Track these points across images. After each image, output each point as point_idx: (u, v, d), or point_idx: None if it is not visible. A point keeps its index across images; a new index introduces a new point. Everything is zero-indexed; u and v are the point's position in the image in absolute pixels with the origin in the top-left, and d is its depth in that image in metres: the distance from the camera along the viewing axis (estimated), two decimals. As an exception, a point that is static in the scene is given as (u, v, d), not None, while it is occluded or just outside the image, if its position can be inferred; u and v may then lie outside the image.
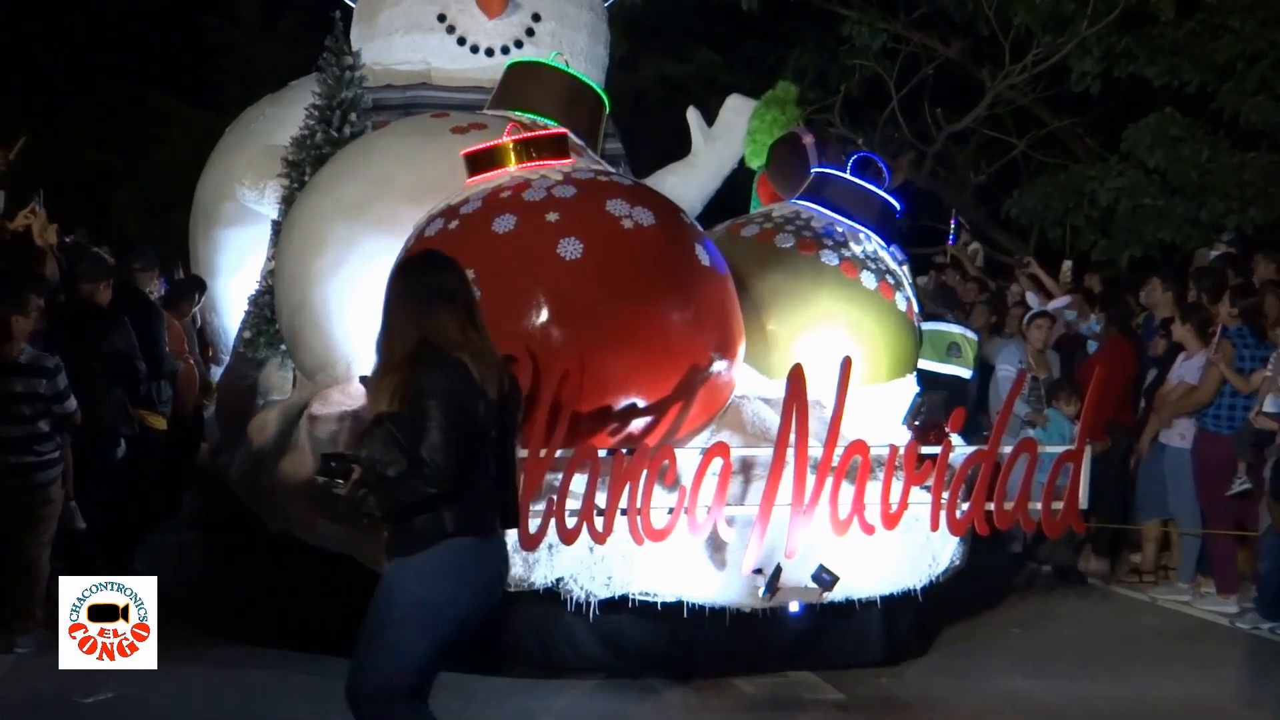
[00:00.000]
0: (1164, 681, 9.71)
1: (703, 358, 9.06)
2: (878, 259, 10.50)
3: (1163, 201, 18.95)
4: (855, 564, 9.20)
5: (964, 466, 9.32)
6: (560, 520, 8.44)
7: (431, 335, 5.88)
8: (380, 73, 12.50)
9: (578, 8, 12.76)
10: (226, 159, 13.12)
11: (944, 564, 9.68)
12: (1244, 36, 17.94)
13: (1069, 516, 9.50)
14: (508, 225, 8.94)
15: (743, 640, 9.22)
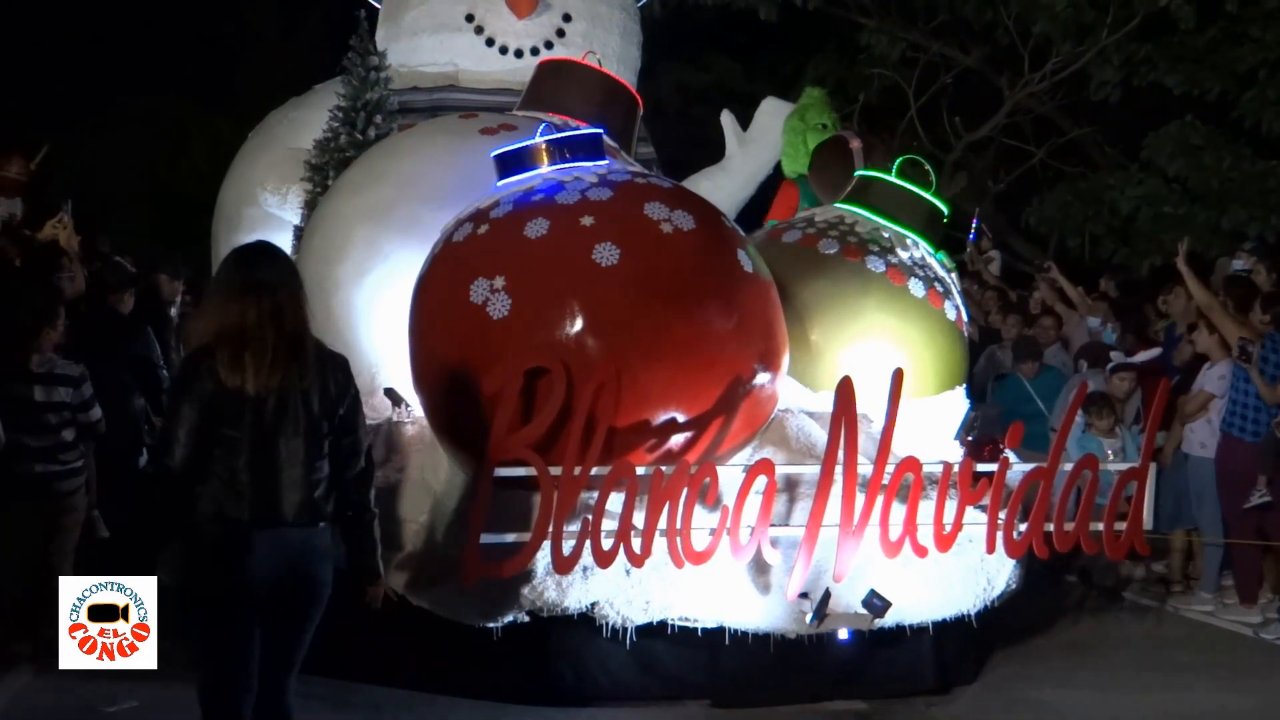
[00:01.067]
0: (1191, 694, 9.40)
1: (746, 369, 8.48)
2: (925, 265, 9.89)
3: (1184, 210, 18.59)
4: (907, 588, 8.58)
5: (1022, 485, 8.67)
6: (596, 542, 7.91)
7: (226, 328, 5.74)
8: (406, 74, 11.94)
9: (610, 8, 12.15)
10: (249, 163, 12.58)
11: (999, 588, 9.02)
12: (1265, 44, 17.71)
13: (1133, 537, 8.86)
14: (540, 230, 8.36)
15: (787, 669, 8.59)
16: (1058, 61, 19.69)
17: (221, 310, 5.82)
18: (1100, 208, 19.44)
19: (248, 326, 5.71)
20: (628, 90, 10.50)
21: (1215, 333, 11.78)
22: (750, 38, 21.12)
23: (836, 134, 11.58)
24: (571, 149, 8.90)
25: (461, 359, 8.34)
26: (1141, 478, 8.82)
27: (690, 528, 7.98)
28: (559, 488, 7.76)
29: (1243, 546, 11.47)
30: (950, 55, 20.35)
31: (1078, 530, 8.73)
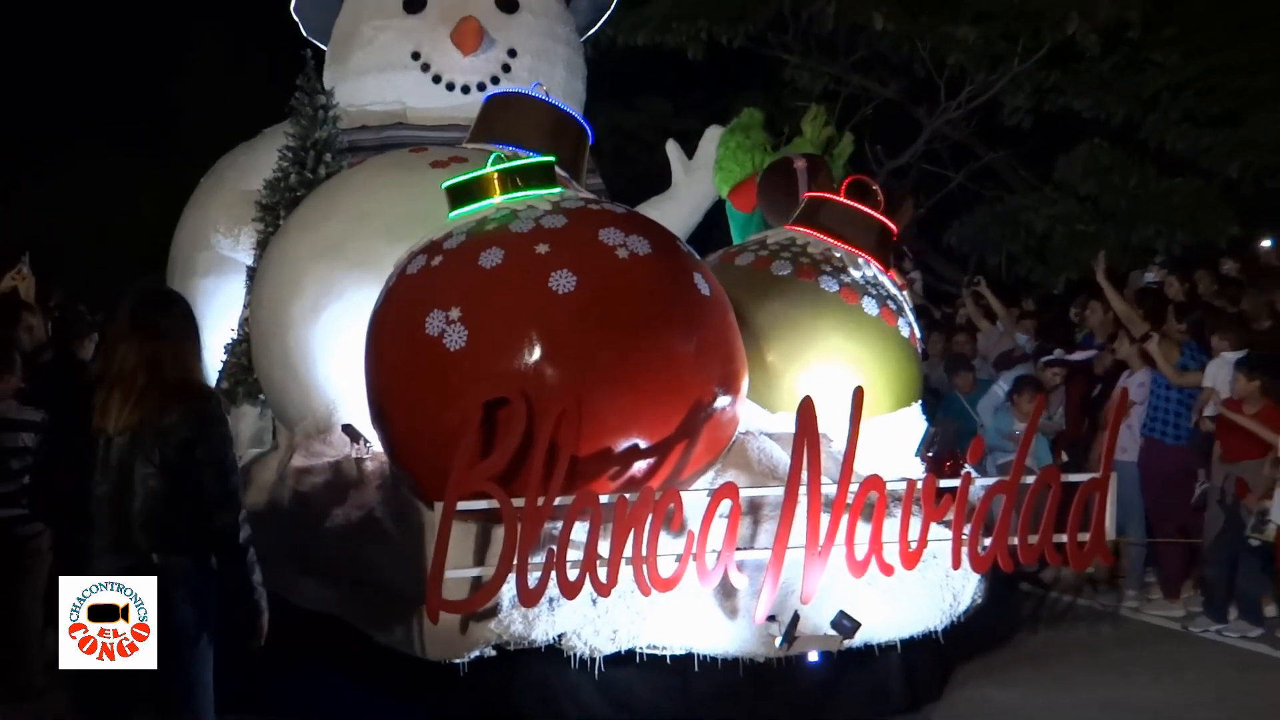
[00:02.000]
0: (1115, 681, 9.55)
1: (706, 393, 8.27)
2: (878, 284, 9.75)
3: (1095, 227, 19.04)
4: (875, 607, 8.37)
5: (985, 500, 8.52)
6: (561, 572, 7.65)
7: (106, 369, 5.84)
8: (355, 114, 11.75)
9: (554, 42, 12.03)
10: (201, 208, 12.35)
11: (965, 602, 8.85)
12: (1166, 69, 18.25)
13: (1096, 548, 8.71)
14: (495, 259, 8.11)
15: (758, 693, 8.32)
16: (971, 90, 19.92)
17: (108, 350, 5.96)
18: (1016, 227, 19.86)
19: (124, 370, 5.74)
20: (576, 121, 10.30)
21: (1135, 342, 12.27)
22: (679, 77, 21.05)
23: (783, 156, 11.43)
24: (523, 178, 8.66)
25: (419, 392, 8.15)
26: (1103, 489, 8.66)
27: (656, 554, 7.75)
28: (522, 519, 7.53)
29: (1166, 545, 11.81)
30: (870, 88, 20.44)
31: (1042, 543, 8.57)
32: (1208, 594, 11.36)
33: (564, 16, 12.27)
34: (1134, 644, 10.80)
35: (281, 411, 10.16)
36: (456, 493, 7.50)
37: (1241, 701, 8.98)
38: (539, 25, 11.86)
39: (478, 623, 7.95)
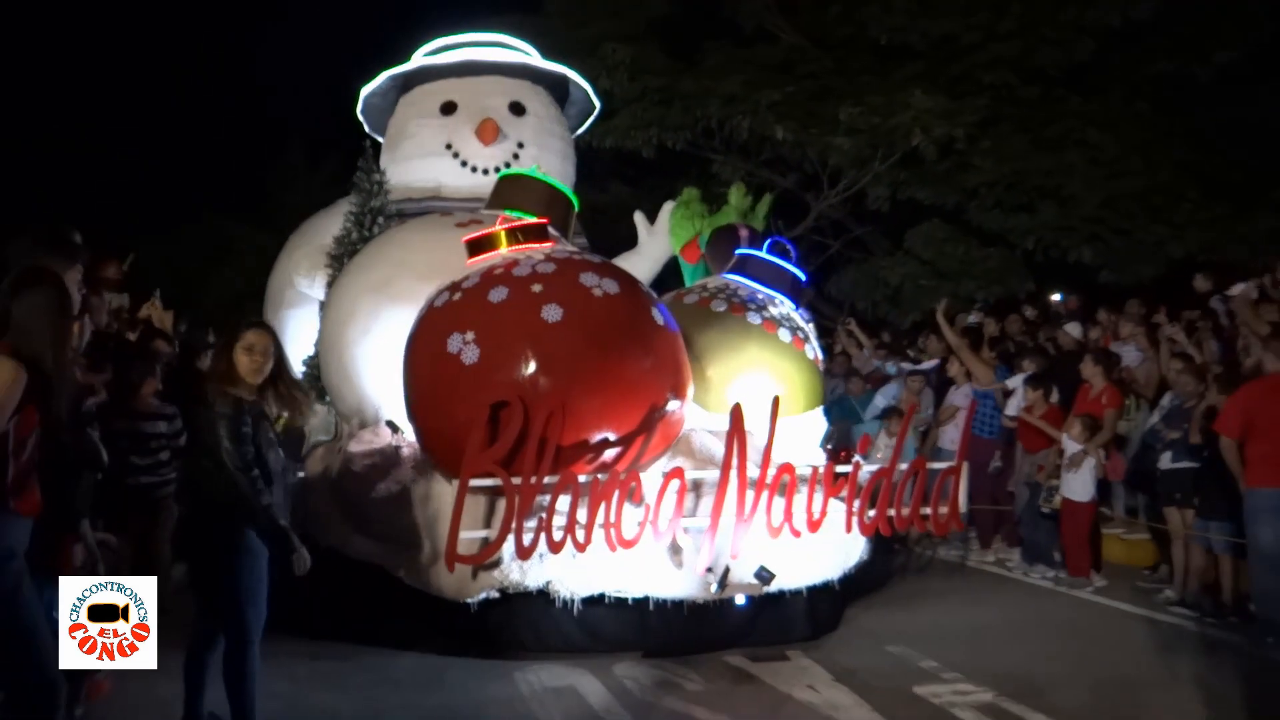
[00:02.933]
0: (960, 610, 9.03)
1: (660, 398, 7.52)
2: (790, 319, 8.99)
3: (934, 282, 18.56)
4: (786, 562, 7.62)
5: (870, 481, 7.85)
6: (549, 534, 7.08)
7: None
8: (402, 189, 10.88)
9: (552, 137, 11.26)
10: (288, 257, 11.54)
11: (855, 559, 8.16)
12: (983, 171, 17.97)
13: (952, 518, 8.05)
14: (501, 295, 7.45)
15: (699, 627, 7.53)
16: (846, 183, 19.36)
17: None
18: (877, 281, 19.36)
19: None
20: (565, 194, 9.54)
21: (961, 365, 12.09)
22: (635, 169, 20.33)
23: (731, 223, 10.70)
24: (524, 234, 7.99)
25: (442, 396, 7.46)
26: (957, 474, 7.98)
27: (621, 521, 7.17)
28: (519, 493, 6.97)
29: (981, 510, 11.50)
30: (774, 179, 19.61)
31: (911, 514, 7.91)
32: (1023, 548, 10.81)
33: (559, 119, 11.57)
34: (968, 581, 10.38)
35: (341, 409, 9.43)
36: (469, 472, 6.97)
37: (1032, 619, 8.78)
38: (541, 125, 11.13)
39: (484, 572, 7.32)
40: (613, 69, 18.01)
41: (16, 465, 4.13)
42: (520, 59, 11.37)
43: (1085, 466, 9.81)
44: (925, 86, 17.17)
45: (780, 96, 18.05)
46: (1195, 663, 7.38)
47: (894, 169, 18.46)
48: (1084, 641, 7.99)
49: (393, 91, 11.40)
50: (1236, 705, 6.47)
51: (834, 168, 19.04)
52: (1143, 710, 6.42)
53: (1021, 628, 8.38)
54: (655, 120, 18.71)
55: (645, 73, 18.32)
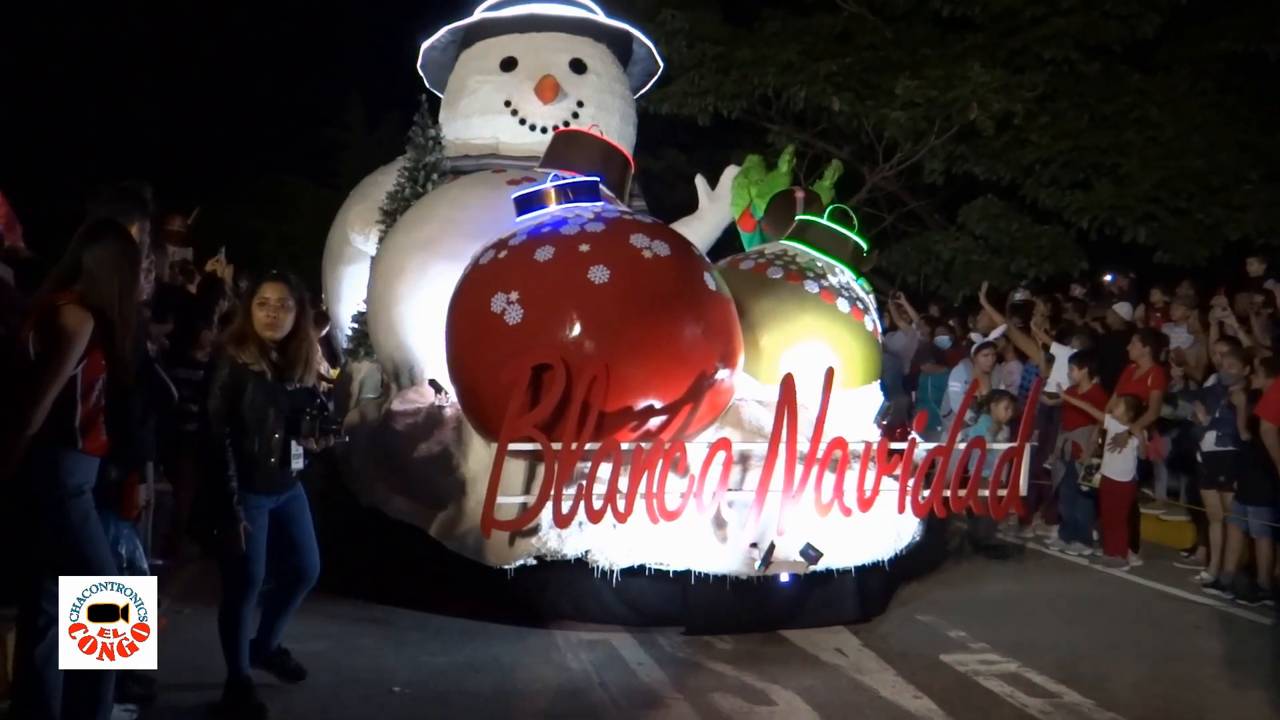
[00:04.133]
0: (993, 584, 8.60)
1: (709, 367, 6.84)
2: (850, 288, 8.23)
3: (985, 258, 17.66)
4: (835, 540, 6.90)
5: (926, 460, 7.07)
6: (588, 502, 6.44)
7: None
8: (460, 145, 10.17)
9: (612, 96, 10.41)
10: (346, 214, 10.91)
11: (907, 540, 7.33)
12: (1040, 147, 16.88)
13: (1012, 500, 7.25)
14: (547, 255, 6.79)
15: (742, 603, 6.84)
16: (901, 156, 18.34)
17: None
18: (929, 255, 18.30)
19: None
20: (622, 154, 8.90)
21: (1010, 343, 11.62)
22: (691, 136, 19.49)
23: (789, 187, 9.96)
24: (574, 192, 7.28)
25: (485, 357, 6.82)
26: (1018, 455, 7.18)
27: (664, 492, 6.52)
28: (559, 460, 6.36)
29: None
30: (829, 150, 18.66)
31: (969, 496, 7.12)
32: (1061, 525, 10.14)
33: (621, 78, 10.73)
34: (1003, 556, 9.67)
35: (387, 367, 8.78)
36: (508, 436, 6.40)
37: (1064, 594, 8.28)
38: (602, 84, 10.30)
39: (522, 538, 6.71)
40: (670, 35, 17.17)
41: (85, 407, 4.20)
42: (583, 14, 10.55)
43: (1129, 447, 9.20)
44: (984, 60, 16.35)
45: (838, 67, 17.27)
46: (1222, 642, 7.04)
47: (950, 143, 17.53)
48: (1112, 618, 7.59)
49: (453, 46, 10.65)
50: (1260, 684, 6.17)
51: (889, 140, 18.11)
52: (1164, 684, 6.11)
53: (1053, 602, 7.99)
54: (712, 88, 17.84)
55: (703, 40, 17.48)
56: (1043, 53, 16.68)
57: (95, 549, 4.21)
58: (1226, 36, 16.17)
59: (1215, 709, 5.79)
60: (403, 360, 8.23)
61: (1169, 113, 16.27)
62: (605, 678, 5.94)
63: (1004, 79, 16.11)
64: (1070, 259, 17.27)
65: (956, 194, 18.80)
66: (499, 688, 5.76)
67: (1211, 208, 16.16)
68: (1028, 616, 7.52)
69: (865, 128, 18.03)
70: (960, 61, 16.36)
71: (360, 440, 8.06)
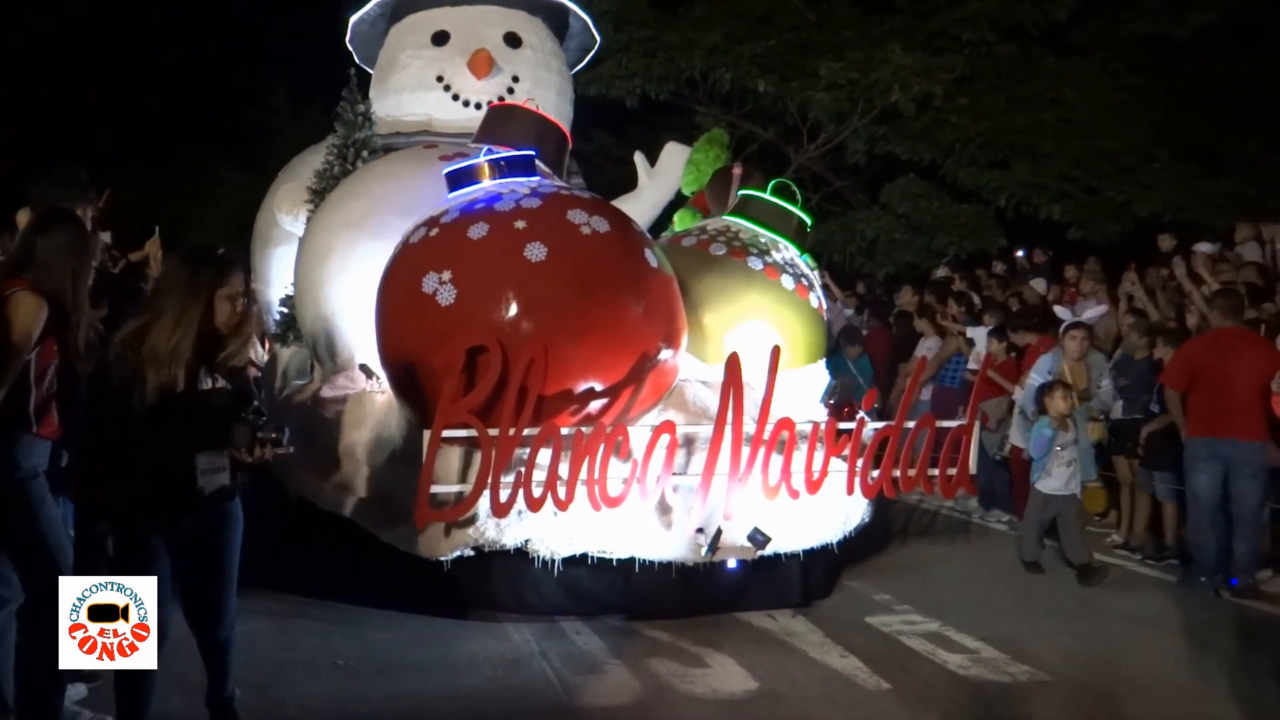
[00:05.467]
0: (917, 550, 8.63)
1: (651, 347, 6.16)
2: (794, 264, 7.55)
3: (908, 236, 17.37)
4: (782, 523, 6.30)
5: (874, 440, 6.46)
6: (527, 490, 5.75)
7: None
8: (391, 123, 9.30)
9: (548, 71, 9.54)
10: (274, 195, 9.83)
11: (856, 522, 6.74)
12: (959, 127, 16.63)
13: (961, 480, 6.63)
14: (481, 232, 6.04)
15: (687, 590, 6.27)
16: (825, 137, 17.97)
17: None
18: (854, 235, 17.84)
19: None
20: (559, 129, 8.17)
21: (927, 320, 11.45)
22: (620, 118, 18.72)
23: (726, 164, 9.25)
24: (508, 167, 6.55)
25: (416, 339, 6.08)
26: (968, 434, 6.59)
27: (606, 477, 5.86)
28: (496, 446, 5.67)
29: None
30: (755, 131, 18.36)
31: (918, 476, 6.51)
32: (980, 493, 9.79)
33: (557, 52, 9.86)
34: (927, 523, 9.64)
35: (315, 351, 7.95)
36: (442, 422, 5.66)
37: (983, 559, 8.31)
38: (537, 58, 9.45)
39: (459, 529, 5.98)
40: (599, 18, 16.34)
41: (39, 392, 4.11)
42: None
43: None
44: (904, 43, 15.94)
45: (762, 49, 16.77)
46: (1129, 599, 7.07)
47: (872, 124, 17.13)
48: (1029, 580, 7.63)
49: (382, 20, 9.74)
50: (1161, 636, 6.24)
51: (813, 121, 17.66)
52: (1074, 638, 6.14)
53: (972, 566, 8.04)
54: (640, 70, 17.17)
55: (630, 22, 16.76)
56: (961, 35, 16.35)
57: (53, 530, 4.09)
58: (1138, 19, 16.00)
59: (1120, 658, 5.82)
60: (331, 344, 7.44)
61: (1083, 94, 16.10)
62: (545, 647, 5.77)
63: (924, 61, 15.76)
64: (989, 236, 16.99)
65: (879, 174, 18.38)
66: (443, 659, 5.57)
67: (1123, 186, 16.05)
68: (950, 580, 7.50)
69: (790, 109, 17.60)
70: (881, 44, 15.94)
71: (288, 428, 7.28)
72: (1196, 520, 7.40)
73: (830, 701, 5.08)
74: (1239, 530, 7.17)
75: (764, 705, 5.04)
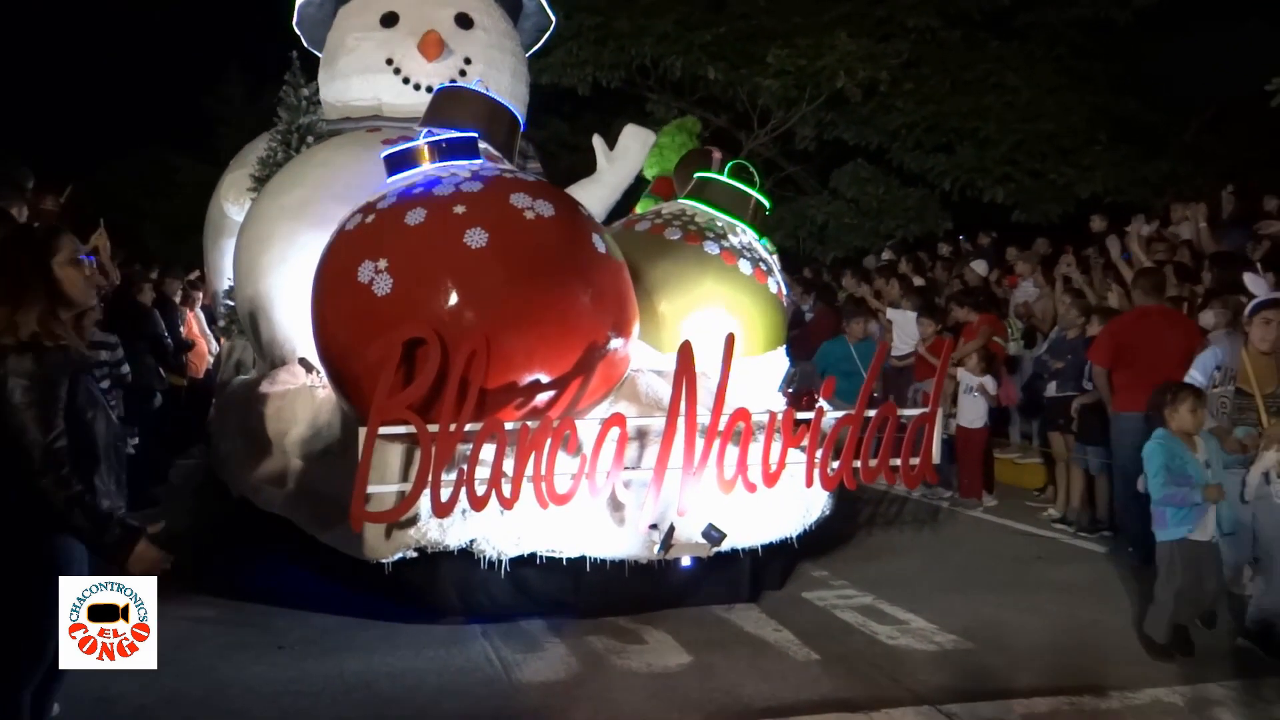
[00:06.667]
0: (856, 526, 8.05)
1: (600, 336, 5.49)
2: (752, 249, 6.87)
3: (857, 220, 16.82)
4: (739, 518, 5.67)
5: (834, 429, 5.81)
6: (470, 488, 5.09)
7: None
8: (340, 108, 8.50)
9: (502, 53, 8.71)
10: (222, 184, 9.13)
11: (815, 514, 6.10)
12: (905, 112, 16.13)
13: (924, 470, 6.01)
14: (418, 218, 5.35)
15: (639, 586, 5.63)
16: (775, 123, 17.34)
17: None
18: (804, 219, 17.28)
19: None
20: (509, 111, 7.40)
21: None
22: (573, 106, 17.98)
23: (702, 146, 8.75)
24: (449, 149, 5.81)
25: (352, 331, 5.38)
26: (930, 421, 5.96)
27: (553, 474, 5.19)
28: (436, 443, 4.99)
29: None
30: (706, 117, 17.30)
31: (880, 466, 5.90)
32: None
33: (511, 34, 9.01)
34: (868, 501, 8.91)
35: (256, 345, 7.27)
36: (378, 419, 4.97)
37: (922, 534, 8.14)
38: (490, 39, 8.60)
39: (400, 530, 5.31)
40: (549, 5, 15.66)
41: None
42: (468, -34, 8.88)
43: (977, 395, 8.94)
44: (851, 29, 15.34)
45: (712, 37, 16.10)
46: (1061, 570, 6.96)
47: (820, 110, 16.54)
48: (965, 554, 7.45)
49: (330, 2, 8.88)
50: (1087, 604, 6.08)
51: (763, 108, 17.03)
52: (1003, 609, 5.95)
53: (911, 541, 7.87)
54: (590, 58, 16.41)
55: (581, 10, 15.90)
56: (906, 21, 15.74)
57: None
58: (1079, 3, 15.44)
59: (1043, 625, 5.68)
60: (271, 338, 6.72)
61: (1025, 78, 15.58)
62: (488, 627, 5.50)
63: (869, 48, 15.18)
64: (935, 220, 16.52)
65: (830, 159, 17.75)
66: (386, 639, 5.32)
67: (1063, 168, 15.61)
68: (887, 556, 7.32)
69: (740, 95, 16.96)
70: (829, 30, 15.28)
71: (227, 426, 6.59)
72: (1125, 492, 7.24)
73: (759, 672, 4.94)
74: (1163, 500, 7.03)
75: (695, 677, 4.90)
